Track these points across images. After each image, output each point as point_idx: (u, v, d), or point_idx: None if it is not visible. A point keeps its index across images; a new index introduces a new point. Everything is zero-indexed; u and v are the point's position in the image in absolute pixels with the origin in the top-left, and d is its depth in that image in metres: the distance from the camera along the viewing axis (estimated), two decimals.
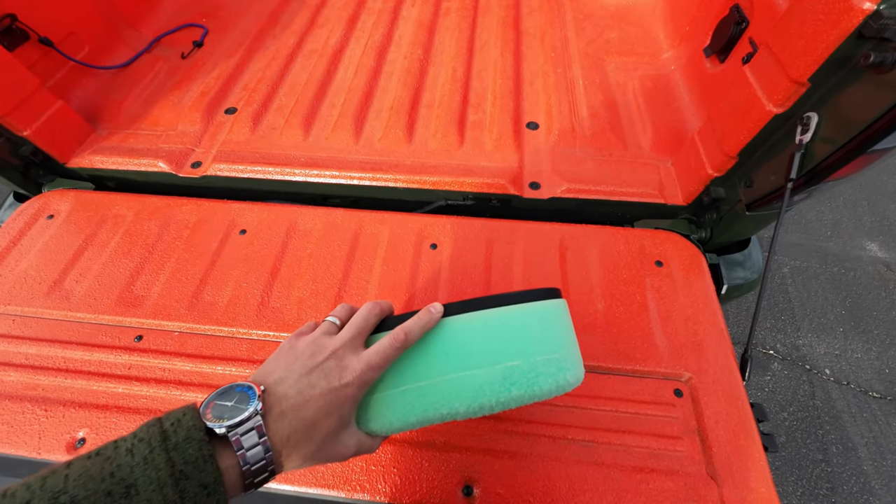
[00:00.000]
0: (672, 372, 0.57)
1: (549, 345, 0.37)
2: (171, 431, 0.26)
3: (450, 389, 0.35)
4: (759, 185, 0.62)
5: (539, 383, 0.36)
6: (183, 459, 0.25)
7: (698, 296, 0.63)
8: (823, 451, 1.21)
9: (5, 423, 0.55)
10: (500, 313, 0.36)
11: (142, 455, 0.24)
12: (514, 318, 0.37)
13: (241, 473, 0.27)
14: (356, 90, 0.93)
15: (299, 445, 0.28)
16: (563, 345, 0.38)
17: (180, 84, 0.95)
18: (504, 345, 0.36)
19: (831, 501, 1.15)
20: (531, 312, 0.37)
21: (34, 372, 0.59)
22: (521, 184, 0.77)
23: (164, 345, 0.61)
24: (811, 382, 1.33)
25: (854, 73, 0.46)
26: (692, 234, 0.73)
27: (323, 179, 0.79)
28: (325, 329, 0.34)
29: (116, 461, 0.24)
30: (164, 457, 0.24)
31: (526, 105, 0.90)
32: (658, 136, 0.82)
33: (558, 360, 0.37)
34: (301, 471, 0.50)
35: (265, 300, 0.64)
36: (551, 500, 0.48)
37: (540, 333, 0.37)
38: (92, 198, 0.79)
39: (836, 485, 1.17)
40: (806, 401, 1.29)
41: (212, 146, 0.84)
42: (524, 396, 0.36)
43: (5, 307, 0.65)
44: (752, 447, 0.51)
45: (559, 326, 0.39)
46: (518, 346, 0.36)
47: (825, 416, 1.27)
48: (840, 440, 1.23)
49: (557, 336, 0.38)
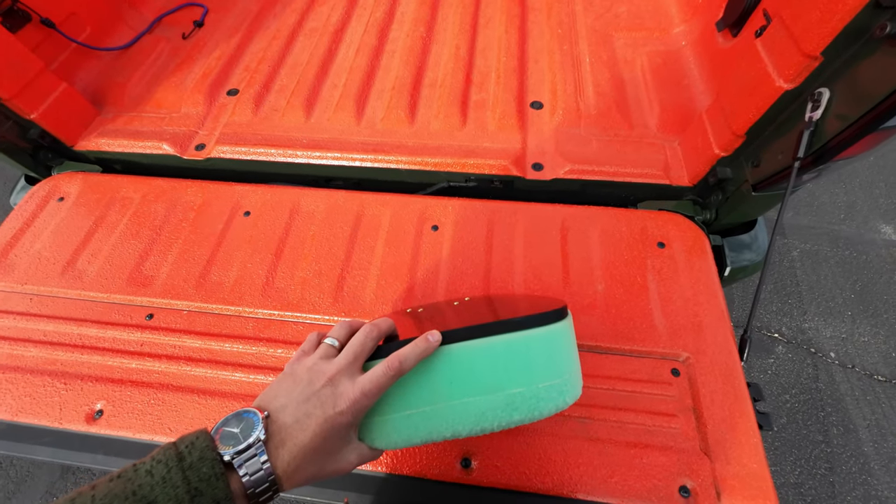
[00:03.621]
0: (670, 352, 0.57)
1: (552, 371, 0.37)
2: (185, 453, 0.28)
3: (454, 414, 0.36)
4: (766, 164, 0.60)
5: (540, 408, 0.37)
6: (197, 478, 0.27)
7: (700, 277, 0.63)
8: (824, 433, 1.22)
9: (28, 395, 0.58)
10: (504, 341, 0.36)
11: (160, 475, 0.26)
12: (518, 346, 0.37)
13: (246, 495, 0.29)
14: (358, 70, 0.91)
15: (299, 470, 0.31)
16: (565, 369, 0.38)
17: (182, 65, 0.95)
18: (507, 372, 0.36)
19: (829, 481, 1.16)
20: (535, 339, 0.37)
21: (52, 348, 0.61)
22: (524, 165, 0.77)
23: (173, 323, 0.63)
24: (815, 365, 1.32)
25: (869, 45, 0.44)
26: (696, 216, 0.72)
27: (325, 161, 0.79)
28: (324, 353, 0.35)
29: (137, 481, 0.26)
30: (181, 476, 0.27)
31: (530, 84, 0.88)
32: (665, 115, 0.80)
33: (560, 385, 0.37)
34: None
35: (270, 280, 0.66)
36: (546, 473, 0.50)
37: (543, 360, 0.37)
38: (100, 180, 0.80)
39: (835, 465, 1.18)
40: (809, 383, 1.30)
41: (215, 128, 0.85)
42: (525, 419, 0.37)
43: (23, 286, 0.67)
44: (747, 425, 0.52)
45: (562, 350, 0.39)
46: (521, 374, 0.36)
47: (828, 399, 1.27)
48: (841, 422, 1.23)
49: (560, 361, 0.38)
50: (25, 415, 0.56)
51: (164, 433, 0.54)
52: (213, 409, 0.55)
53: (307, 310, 0.63)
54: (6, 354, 0.61)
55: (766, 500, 0.47)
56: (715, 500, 0.48)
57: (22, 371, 0.60)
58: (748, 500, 0.47)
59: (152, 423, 0.55)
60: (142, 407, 0.56)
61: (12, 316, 0.65)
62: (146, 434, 0.54)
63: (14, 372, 0.59)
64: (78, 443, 0.55)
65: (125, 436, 0.55)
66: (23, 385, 0.58)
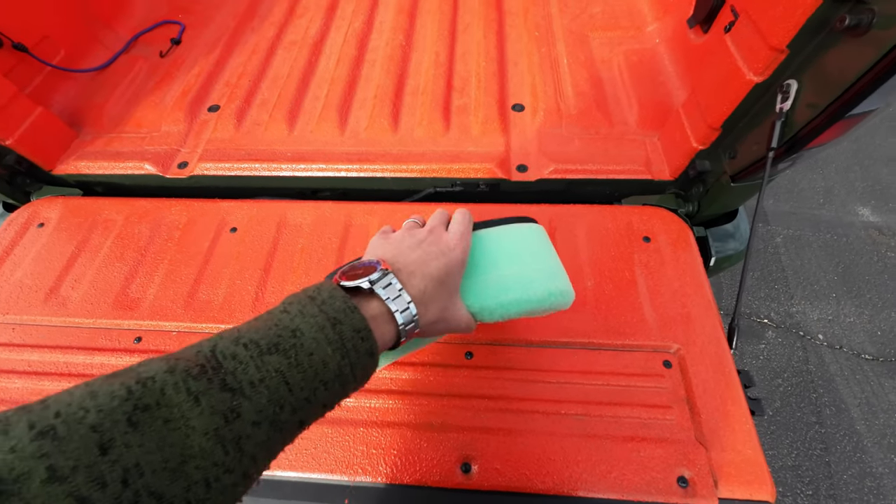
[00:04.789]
0: (661, 344, 0.58)
1: (538, 258, 0.46)
2: (315, 294, 0.29)
3: (488, 287, 0.41)
4: (742, 155, 0.62)
5: (535, 289, 0.43)
6: (333, 310, 0.27)
7: (685, 269, 0.64)
8: (817, 414, 1.25)
9: None
10: (496, 231, 0.45)
11: (296, 310, 0.27)
12: (506, 234, 0.45)
13: (389, 320, 0.30)
14: (339, 80, 0.92)
15: (434, 299, 0.32)
16: (547, 260, 0.47)
17: (161, 83, 0.94)
18: (504, 255, 0.44)
19: (825, 461, 1.18)
20: (516, 230, 0.47)
21: (38, 378, 0.60)
22: (509, 167, 0.77)
23: (163, 344, 0.62)
24: (805, 348, 1.35)
25: (831, 37, 0.46)
26: (679, 209, 0.74)
27: (310, 173, 0.79)
28: (411, 225, 0.38)
29: (274, 318, 0.27)
30: (317, 309, 0.27)
31: (511, 87, 0.89)
32: (644, 112, 0.82)
33: (546, 272, 0.45)
34: (303, 456, 0.52)
35: (260, 295, 0.65)
36: (546, 472, 0.50)
37: (528, 248, 0.46)
38: (81, 204, 0.79)
39: (830, 445, 1.20)
40: (800, 366, 1.32)
41: (197, 145, 0.84)
42: (524, 302, 0.42)
43: (3, 316, 0.66)
44: (740, 412, 0.53)
45: (540, 244, 0.48)
46: (514, 257, 0.44)
47: (819, 380, 1.30)
48: (833, 402, 1.26)
49: (541, 252, 0.47)
50: None
51: None
52: None
53: None
54: None
55: (762, 485, 0.48)
56: (712, 488, 0.48)
57: (7, 403, 0.58)
58: (744, 486, 0.48)
59: None
60: None
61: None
62: None
63: (0, 405, 0.58)
64: None
65: None
66: None
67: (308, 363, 0.25)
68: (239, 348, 0.24)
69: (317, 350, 0.25)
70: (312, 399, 0.25)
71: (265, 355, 0.24)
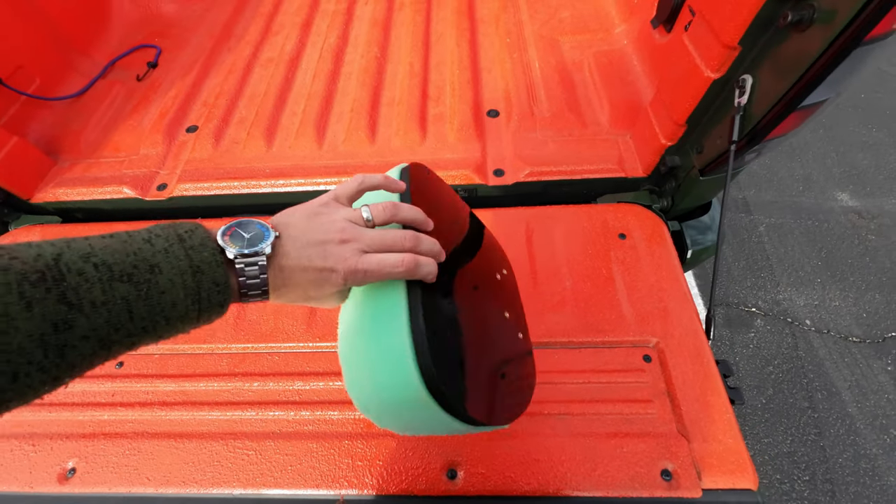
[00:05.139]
0: (640, 339, 0.59)
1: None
2: (185, 236, 0.28)
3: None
4: (708, 149, 0.63)
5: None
6: (199, 258, 0.27)
7: (661, 264, 0.65)
8: (809, 399, 1.26)
9: None
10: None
11: (161, 245, 0.26)
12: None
13: (238, 287, 0.30)
14: (316, 95, 0.93)
15: (287, 295, 0.32)
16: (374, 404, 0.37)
17: (138, 107, 0.94)
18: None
19: (819, 445, 1.19)
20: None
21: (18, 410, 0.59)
22: (486, 172, 0.79)
23: (145, 368, 0.61)
24: (793, 335, 1.37)
25: (778, 33, 0.48)
26: (654, 205, 0.75)
27: (289, 188, 0.79)
28: (356, 217, 0.34)
29: (135, 245, 0.26)
30: (183, 252, 0.26)
31: (485, 93, 0.91)
32: (615, 111, 0.83)
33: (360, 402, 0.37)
34: (289, 473, 0.52)
35: (241, 313, 0.65)
36: (532, 474, 0.50)
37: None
38: (59, 232, 0.79)
39: (823, 429, 1.21)
40: (790, 352, 1.34)
41: (176, 166, 0.84)
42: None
43: None
44: (719, 402, 0.53)
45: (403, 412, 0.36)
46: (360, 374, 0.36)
47: (808, 365, 1.31)
48: (824, 386, 1.27)
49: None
50: None
51: (141, 483, 0.53)
52: (191, 452, 0.54)
53: (281, 339, 0.62)
54: None
55: (744, 473, 0.49)
56: (696, 479, 0.49)
57: None
58: (727, 475, 0.49)
59: (129, 475, 0.53)
60: (116, 459, 0.54)
61: None
62: (123, 487, 0.53)
63: None
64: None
65: (101, 492, 0.53)
66: None
67: (157, 300, 0.25)
68: (88, 266, 0.23)
69: (170, 290, 0.25)
70: (150, 330, 0.25)
71: (115, 281, 0.23)
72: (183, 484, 0.52)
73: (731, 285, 1.47)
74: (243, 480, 0.52)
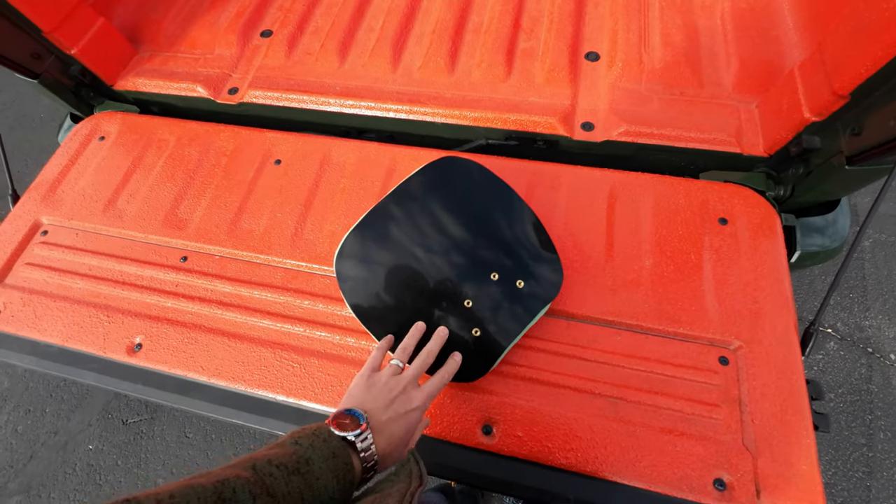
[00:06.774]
0: (719, 338, 0.52)
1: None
2: (316, 434, 0.38)
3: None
4: (870, 132, 0.51)
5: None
6: (332, 446, 0.37)
7: (764, 260, 0.56)
8: (868, 437, 1.14)
9: (76, 323, 0.61)
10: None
11: (307, 444, 0.37)
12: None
13: (361, 466, 0.39)
14: (396, 12, 0.84)
15: (391, 451, 0.42)
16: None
17: (216, 3, 0.91)
18: None
19: (866, 485, 1.10)
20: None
21: (96, 281, 0.64)
22: (573, 123, 0.69)
23: (206, 267, 0.63)
24: (870, 366, 1.22)
25: None
26: (768, 191, 0.64)
27: (358, 111, 0.75)
28: (393, 371, 0.45)
29: (290, 449, 0.36)
30: (322, 444, 0.37)
31: (587, 31, 0.78)
32: (744, 72, 0.69)
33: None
34: (329, 391, 0.53)
35: (299, 231, 0.65)
36: (571, 448, 0.48)
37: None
38: (137, 121, 0.80)
39: (875, 470, 1.11)
40: (860, 384, 1.20)
41: (248, 71, 0.82)
42: None
43: (69, 221, 0.70)
44: (801, 423, 0.47)
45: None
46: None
47: (878, 402, 1.17)
48: (890, 428, 1.14)
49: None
50: (74, 342, 0.60)
51: (196, 370, 0.56)
52: (242, 353, 0.57)
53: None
54: (57, 284, 0.65)
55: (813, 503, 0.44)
56: (753, 496, 0.44)
57: (70, 301, 0.63)
58: (792, 502, 0.44)
59: (186, 361, 0.57)
60: (177, 344, 0.58)
61: (61, 249, 0.68)
62: (180, 370, 0.57)
63: (64, 301, 0.63)
64: (120, 371, 0.58)
65: (162, 369, 0.57)
66: (71, 314, 0.62)
67: (315, 485, 0.35)
68: (273, 469, 0.34)
69: (322, 476, 0.35)
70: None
71: (291, 475, 0.34)
72: (232, 379, 0.55)
73: (810, 298, 1.30)
74: (287, 389, 0.54)
